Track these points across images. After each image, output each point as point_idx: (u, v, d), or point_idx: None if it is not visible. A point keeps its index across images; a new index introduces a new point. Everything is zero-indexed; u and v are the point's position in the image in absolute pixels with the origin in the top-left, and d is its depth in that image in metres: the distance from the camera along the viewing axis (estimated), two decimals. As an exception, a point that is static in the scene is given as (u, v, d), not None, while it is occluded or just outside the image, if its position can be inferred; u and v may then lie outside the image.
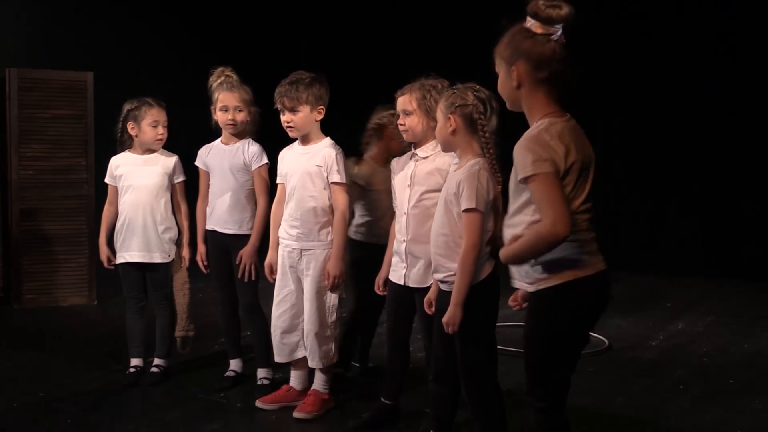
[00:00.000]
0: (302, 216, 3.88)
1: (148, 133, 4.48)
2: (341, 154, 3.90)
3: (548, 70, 2.54)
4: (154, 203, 4.50)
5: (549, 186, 2.44)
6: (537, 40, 2.54)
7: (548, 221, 2.43)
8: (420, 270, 3.53)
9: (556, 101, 2.59)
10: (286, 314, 3.97)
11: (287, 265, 3.95)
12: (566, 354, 2.61)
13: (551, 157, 2.46)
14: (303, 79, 3.86)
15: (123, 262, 4.51)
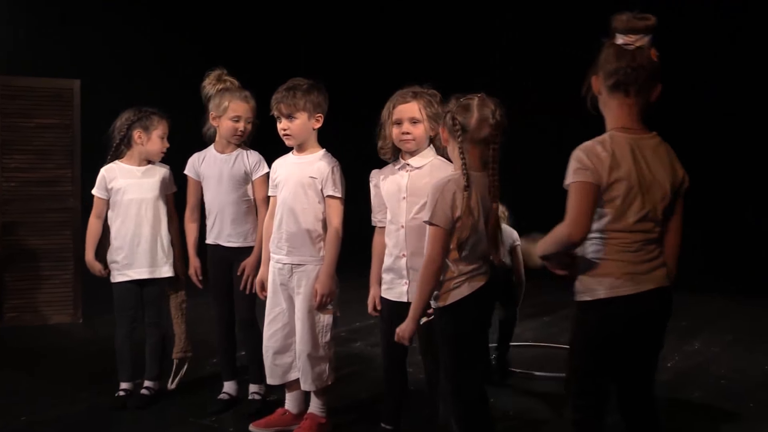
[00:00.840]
0: (293, 230, 3.86)
1: (157, 144, 4.53)
2: (338, 166, 3.88)
3: (616, 78, 2.68)
4: (157, 216, 4.53)
5: (581, 193, 2.62)
6: (612, 49, 2.70)
7: (566, 222, 2.63)
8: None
9: (631, 115, 2.71)
10: (278, 334, 3.95)
11: (278, 283, 3.92)
12: (601, 367, 2.72)
13: (595, 167, 2.62)
14: (301, 86, 3.85)
15: (126, 281, 4.49)
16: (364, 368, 5.33)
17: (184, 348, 4.66)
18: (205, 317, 6.98)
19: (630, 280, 2.68)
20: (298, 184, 3.87)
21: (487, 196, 3.11)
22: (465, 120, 3.09)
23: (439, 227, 3.05)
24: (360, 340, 6.10)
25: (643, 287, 2.69)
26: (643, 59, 2.67)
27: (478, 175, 3.10)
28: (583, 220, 2.61)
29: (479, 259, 3.10)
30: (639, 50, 2.67)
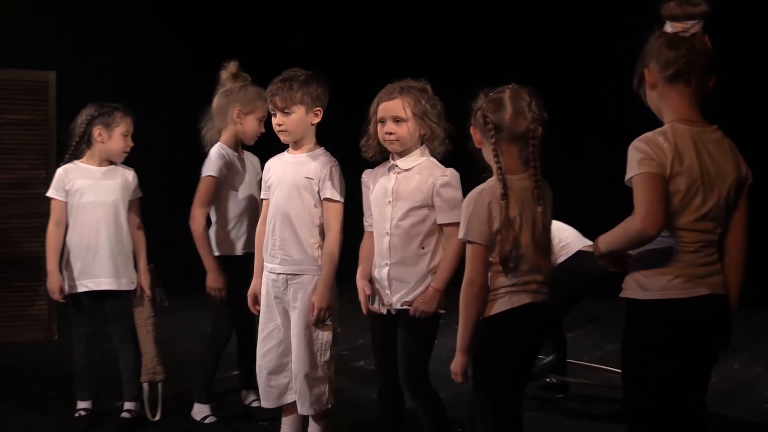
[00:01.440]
0: (287, 236, 3.86)
1: (119, 143, 4.52)
2: (337, 166, 3.87)
3: (676, 67, 2.73)
4: (117, 222, 4.52)
5: (650, 184, 2.65)
6: (666, 38, 2.75)
7: (638, 216, 2.64)
8: (407, 292, 3.57)
9: (692, 106, 2.77)
10: (272, 352, 3.95)
11: (272, 295, 3.92)
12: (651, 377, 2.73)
13: (660, 158, 2.66)
14: (298, 77, 3.84)
15: (82, 292, 4.49)
16: (367, 390, 5.32)
17: (152, 369, 4.62)
18: (181, 336, 7.01)
19: (685, 282, 2.71)
20: (293, 186, 3.86)
21: (530, 200, 3.06)
22: (498, 116, 3.06)
23: (476, 244, 3.03)
24: (363, 359, 6.09)
25: (697, 291, 2.72)
26: (701, 46, 2.73)
27: (517, 179, 3.06)
28: (658, 212, 2.62)
29: (526, 273, 3.06)
30: (695, 37, 2.73)
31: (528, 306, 3.06)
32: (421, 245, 3.56)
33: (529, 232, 3.05)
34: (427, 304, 3.51)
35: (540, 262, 3.08)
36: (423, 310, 3.51)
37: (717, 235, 2.77)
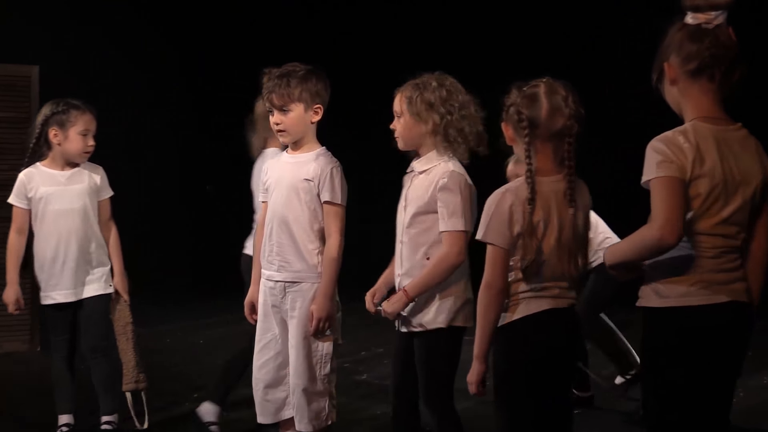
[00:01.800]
0: (285, 242, 3.85)
1: (77, 143, 4.46)
2: (338, 167, 3.87)
3: (699, 60, 2.72)
4: (88, 229, 4.51)
5: (668, 189, 2.65)
6: (688, 30, 2.75)
7: (655, 225, 2.64)
8: (415, 309, 3.55)
9: (715, 103, 2.76)
10: (269, 364, 3.94)
11: (269, 304, 3.91)
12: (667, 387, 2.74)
13: (680, 160, 2.66)
14: (296, 72, 3.83)
15: (52, 303, 4.49)
16: (370, 406, 5.33)
17: (134, 378, 4.63)
18: (183, 345, 7.02)
19: (704, 289, 2.71)
20: (291, 188, 3.86)
21: (561, 203, 3.03)
22: (533, 112, 3.02)
23: (495, 246, 3.02)
24: (366, 373, 6.10)
25: (717, 298, 2.72)
26: (725, 38, 2.72)
27: (548, 181, 3.04)
28: (676, 220, 2.62)
29: (548, 279, 3.05)
30: (719, 29, 2.72)
31: (549, 312, 3.04)
32: (426, 255, 3.55)
33: (554, 238, 3.02)
34: (390, 305, 3.53)
35: (567, 268, 3.06)
36: (386, 310, 3.55)
37: (740, 241, 2.76)
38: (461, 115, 3.53)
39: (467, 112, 3.55)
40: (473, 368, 3.08)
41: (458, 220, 3.46)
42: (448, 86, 3.56)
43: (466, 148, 3.55)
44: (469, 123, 3.54)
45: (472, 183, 3.56)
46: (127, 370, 4.63)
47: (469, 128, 3.54)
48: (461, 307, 3.54)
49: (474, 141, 3.55)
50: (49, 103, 4.52)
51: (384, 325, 3.86)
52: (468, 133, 3.54)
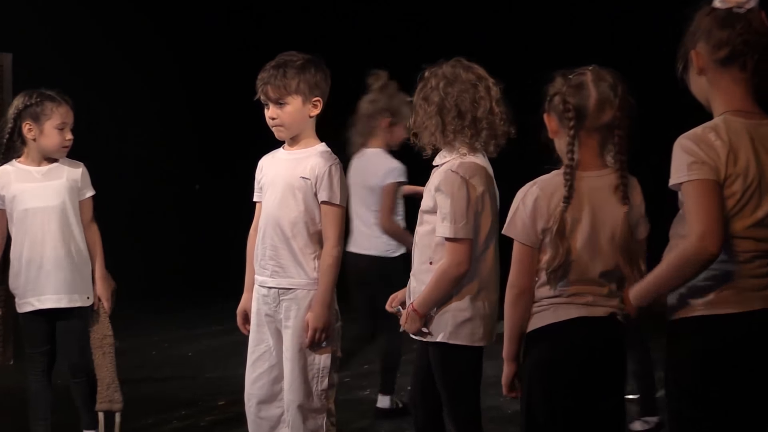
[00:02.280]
0: (280, 245, 3.85)
1: (53, 138, 4.44)
2: (338, 164, 3.87)
3: (730, 48, 2.70)
4: (66, 229, 4.48)
5: (704, 194, 2.63)
6: (717, 14, 2.72)
7: (694, 236, 2.62)
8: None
9: (747, 95, 2.74)
10: (263, 378, 3.93)
11: (262, 313, 3.91)
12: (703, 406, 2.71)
13: (713, 160, 2.64)
14: (293, 62, 3.83)
15: (30, 311, 4.49)
16: (373, 424, 5.35)
17: (108, 397, 4.61)
18: (171, 359, 7.04)
19: (735, 296, 2.69)
20: (287, 187, 3.85)
21: (611, 200, 3.02)
22: (581, 102, 3.00)
23: (519, 243, 3.02)
24: (369, 388, 6.10)
25: (749, 306, 2.69)
26: (758, 24, 2.70)
27: (589, 176, 3.02)
28: (717, 227, 2.60)
29: (580, 283, 3.02)
30: (751, 13, 2.70)
31: (579, 320, 3.02)
32: (429, 259, 3.56)
33: (585, 237, 2.99)
34: (408, 325, 3.58)
35: (606, 271, 3.03)
36: (406, 329, 3.60)
37: None
38: (470, 105, 3.52)
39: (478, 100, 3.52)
40: (505, 371, 3.12)
41: (448, 226, 3.44)
42: (450, 75, 3.54)
43: (483, 140, 3.54)
44: (483, 112, 3.52)
45: (485, 183, 3.51)
46: (101, 387, 4.59)
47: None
48: (462, 324, 3.51)
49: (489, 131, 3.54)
50: (21, 95, 4.50)
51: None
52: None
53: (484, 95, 3.52)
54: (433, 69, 3.58)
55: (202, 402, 5.70)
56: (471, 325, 3.51)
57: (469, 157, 3.51)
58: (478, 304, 3.52)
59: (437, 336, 3.52)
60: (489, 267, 3.56)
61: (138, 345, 5.49)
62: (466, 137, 3.51)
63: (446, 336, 3.50)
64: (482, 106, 3.50)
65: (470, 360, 3.56)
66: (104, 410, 4.64)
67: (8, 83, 6.77)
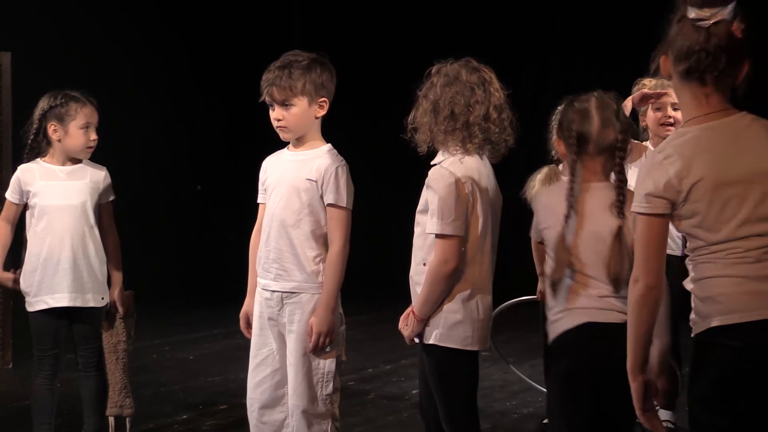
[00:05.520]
0: (284, 248, 3.86)
1: (78, 138, 4.52)
2: (344, 166, 3.87)
3: (689, 62, 2.70)
4: (86, 229, 4.54)
5: (644, 233, 2.71)
6: (684, 24, 2.72)
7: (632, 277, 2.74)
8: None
9: (710, 103, 2.72)
10: (266, 383, 3.95)
11: (266, 317, 3.92)
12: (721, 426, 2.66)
13: (662, 189, 2.66)
14: (299, 62, 3.83)
15: (42, 309, 4.52)
16: (378, 428, 5.36)
17: (120, 402, 4.66)
18: (170, 362, 7.06)
19: (752, 302, 2.63)
20: (292, 189, 3.86)
21: (607, 212, 3.25)
22: (584, 128, 3.27)
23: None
24: (374, 391, 6.12)
25: (764, 314, 2.62)
26: (721, 38, 2.65)
27: (591, 187, 3.29)
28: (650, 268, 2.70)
29: (585, 292, 3.22)
30: (716, 27, 2.66)
31: (590, 326, 3.20)
32: (423, 260, 3.57)
33: (589, 246, 3.23)
34: (406, 330, 3.59)
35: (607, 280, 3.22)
36: (403, 334, 3.61)
37: None
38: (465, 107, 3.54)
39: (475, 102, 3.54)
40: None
41: (436, 223, 3.46)
42: (452, 74, 3.56)
43: (476, 144, 3.55)
44: (477, 117, 3.53)
45: (477, 183, 3.53)
46: (113, 392, 4.65)
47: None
48: (454, 326, 3.52)
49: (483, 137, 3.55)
50: (46, 96, 4.57)
51: (392, 339, 3.89)
52: (476, 131, 3.54)
53: (481, 100, 3.52)
54: (440, 66, 3.60)
55: (203, 406, 5.71)
56: (463, 328, 3.52)
57: (464, 157, 3.53)
58: (470, 306, 3.53)
59: (429, 338, 3.52)
60: (482, 270, 3.57)
61: (139, 348, 5.50)
62: (457, 139, 3.53)
63: (438, 338, 3.51)
64: (477, 111, 3.51)
65: (464, 364, 3.57)
66: (115, 415, 4.69)
67: (7, 82, 6.76)
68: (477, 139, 3.52)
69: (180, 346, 7.57)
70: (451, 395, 3.57)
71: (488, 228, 3.57)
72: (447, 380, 3.56)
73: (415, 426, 5.07)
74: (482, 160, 3.59)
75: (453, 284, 3.49)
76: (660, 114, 4.82)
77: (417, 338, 3.58)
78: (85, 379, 4.64)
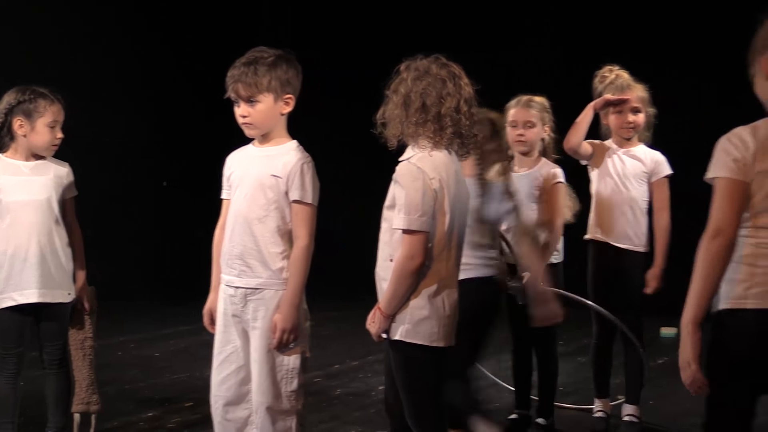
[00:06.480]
0: (248, 244, 3.86)
1: (44, 136, 4.51)
2: (310, 163, 3.88)
3: None
4: (52, 224, 4.53)
5: (723, 192, 2.87)
6: None
7: (707, 229, 2.87)
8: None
9: None
10: (230, 380, 3.94)
11: (229, 313, 3.91)
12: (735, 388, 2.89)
13: (742, 158, 2.86)
14: (264, 59, 3.83)
15: (8, 307, 4.48)
16: (344, 424, 5.37)
17: (86, 399, 4.66)
18: (136, 360, 7.04)
19: (764, 292, 2.85)
20: (257, 185, 3.87)
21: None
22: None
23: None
24: (340, 388, 6.14)
25: None
26: None
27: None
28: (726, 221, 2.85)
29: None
30: None
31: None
32: (390, 257, 3.58)
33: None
34: (372, 326, 3.59)
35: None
36: (370, 331, 3.60)
37: None
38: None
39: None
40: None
41: (403, 218, 3.47)
42: (422, 68, 3.58)
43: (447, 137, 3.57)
44: (449, 109, 3.56)
45: (445, 179, 3.55)
46: (80, 389, 4.65)
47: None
48: (420, 322, 3.52)
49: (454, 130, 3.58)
50: (13, 90, 4.55)
51: (358, 335, 3.90)
52: (448, 122, 3.56)
53: (452, 92, 3.54)
54: (409, 62, 3.62)
55: (169, 403, 5.71)
56: (429, 324, 3.53)
57: (432, 152, 3.55)
58: (437, 303, 3.54)
59: (395, 334, 3.53)
60: (449, 266, 3.59)
61: (104, 346, 5.45)
62: (429, 131, 3.54)
63: (404, 334, 3.52)
64: (449, 103, 3.53)
65: (429, 360, 3.58)
66: (82, 412, 4.69)
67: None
68: (449, 130, 3.54)
69: (145, 343, 7.57)
70: (417, 391, 3.58)
71: (455, 224, 3.59)
72: (412, 376, 3.58)
73: (381, 422, 5.11)
74: (451, 155, 3.61)
75: (419, 280, 3.50)
76: (621, 119, 5.11)
77: (384, 334, 3.60)
78: (49, 377, 4.62)
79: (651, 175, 5.14)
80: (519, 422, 5.23)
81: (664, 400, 5.64)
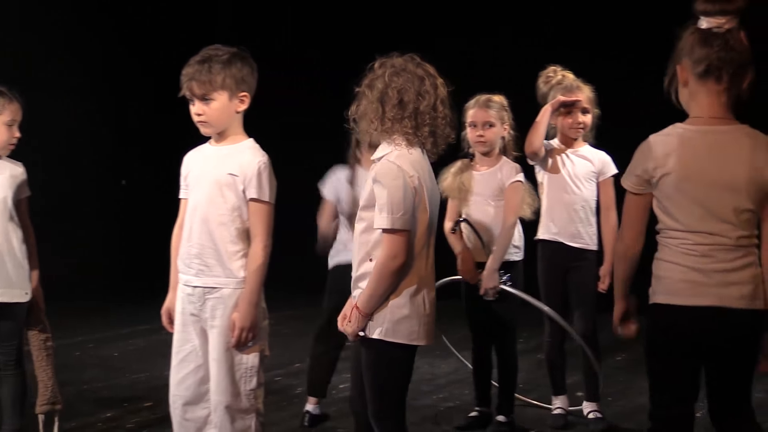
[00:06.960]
0: (206, 243, 3.86)
1: (2, 135, 4.50)
2: (267, 161, 3.88)
3: (707, 63, 3.11)
4: (9, 224, 4.51)
5: (627, 203, 3.27)
6: (699, 34, 3.14)
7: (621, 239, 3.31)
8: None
9: (720, 105, 3.16)
10: (189, 379, 3.94)
11: (187, 312, 3.92)
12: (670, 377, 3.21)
13: (642, 169, 3.18)
14: (218, 57, 3.84)
15: None
16: (304, 422, 5.38)
17: (51, 399, 4.65)
18: (94, 361, 7.01)
19: (690, 290, 3.12)
20: (214, 184, 3.87)
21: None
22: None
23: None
24: (301, 386, 6.11)
25: (703, 301, 3.10)
26: (735, 42, 3.10)
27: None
28: (629, 232, 3.27)
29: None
30: (730, 33, 3.10)
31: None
32: (369, 256, 3.57)
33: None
34: (349, 325, 3.57)
35: None
36: (345, 331, 3.59)
37: (734, 240, 3.09)
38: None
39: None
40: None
41: (385, 217, 3.46)
42: (399, 66, 3.57)
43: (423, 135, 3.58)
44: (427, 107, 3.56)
45: (423, 177, 3.55)
46: (44, 389, 4.63)
47: (427, 113, 3.57)
48: (400, 321, 3.52)
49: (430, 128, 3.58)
50: None
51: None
52: (426, 119, 3.56)
53: (430, 90, 3.55)
54: (383, 60, 3.61)
55: (128, 403, 5.70)
56: (409, 323, 3.53)
57: (408, 150, 3.55)
58: (417, 301, 3.55)
59: (373, 333, 3.52)
60: (428, 264, 3.60)
61: (61, 346, 5.45)
62: (405, 128, 3.54)
63: (383, 333, 3.51)
64: (426, 100, 3.53)
65: (405, 358, 3.59)
66: (47, 412, 4.66)
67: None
68: (426, 128, 3.54)
69: (103, 343, 7.54)
70: (387, 391, 3.59)
71: (434, 222, 3.61)
72: (384, 374, 3.59)
73: (342, 420, 5.13)
74: (423, 154, 3.62)
75: (400, 279, 3.50)
76: (571, 119, 5.24)
77: (355, 337, 3.60)
78: (6, 378, 4.58)
79: (599, 174, 5.24)
80: (480, 419, 5.25)
81: (623, 396, 5.68)
